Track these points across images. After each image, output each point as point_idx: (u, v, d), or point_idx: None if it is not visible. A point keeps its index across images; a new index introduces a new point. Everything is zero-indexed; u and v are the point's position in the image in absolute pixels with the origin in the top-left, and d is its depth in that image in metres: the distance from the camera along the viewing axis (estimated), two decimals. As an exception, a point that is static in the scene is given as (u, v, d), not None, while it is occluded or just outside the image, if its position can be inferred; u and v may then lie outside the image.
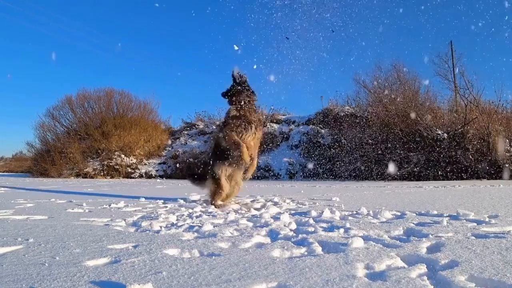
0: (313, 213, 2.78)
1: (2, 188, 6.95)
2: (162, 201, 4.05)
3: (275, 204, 3.62)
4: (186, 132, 18.22)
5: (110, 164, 16.06)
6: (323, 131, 14.64)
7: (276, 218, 2.59)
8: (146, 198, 4.38)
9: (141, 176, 15.67)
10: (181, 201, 3.92)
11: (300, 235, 1.92)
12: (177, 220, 2.61)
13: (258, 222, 2.42)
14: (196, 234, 2.03)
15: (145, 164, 16.39)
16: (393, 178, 9.37)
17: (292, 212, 3.00)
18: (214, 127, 17.04)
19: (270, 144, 15.20)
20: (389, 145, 10.56)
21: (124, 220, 2.61)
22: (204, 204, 3.66)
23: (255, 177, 13.49)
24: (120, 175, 15.87)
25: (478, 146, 9.48)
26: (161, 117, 20.33)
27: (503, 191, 4.88)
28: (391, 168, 9.56)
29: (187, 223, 2.38)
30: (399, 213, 2.78)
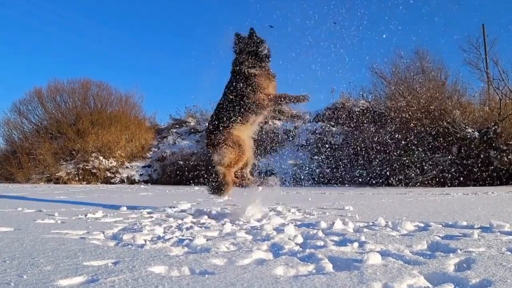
0: (323, 225, 2.78)
1: (-39, 196, 6.94)
2: (147, 210, 4.05)
3: (278, 214, 3.63)
4: (174, 130, 18.20)
5: (87, 167, 16.06)
6: (334, 129, 14.64)
7: (279, 230, 2.59)
8: (128, 207, 4.38)
9: (122, 181, 15.68)
10: (169, 210, 3.92)
11: (307, 250, 1.92)
12: (164, 232, 2.61)
13: (259, 235, 2.42)
14: (186, 249, 2.04)
15: (127, 167, 16.39)
16: (416, 183, 9.37)
17: (298, 223, 3.00)
18: (207, 124, 17.05)
19: (273, 144, 15.21)
20: (411, 145, 10.55)
21: (103, 232, 2.61)
22: (196, 214, 3.66)
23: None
24: (98, 180, 15.87)
25: (515, 146, 9.49)
26: (146, 113, 20.21)
27: (544, 199, 4.88)
28: (414, 171, 9.56)
29: (176, 236, 2.39)
30: (422, 225, 2.78)
